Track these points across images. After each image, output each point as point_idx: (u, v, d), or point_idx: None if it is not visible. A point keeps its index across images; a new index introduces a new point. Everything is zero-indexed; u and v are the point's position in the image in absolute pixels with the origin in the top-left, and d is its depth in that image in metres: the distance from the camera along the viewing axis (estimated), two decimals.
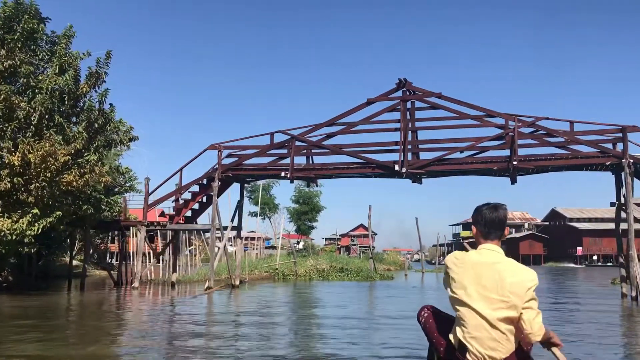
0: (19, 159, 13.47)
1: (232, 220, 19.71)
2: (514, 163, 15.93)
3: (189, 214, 19.53)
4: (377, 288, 20.33)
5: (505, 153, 16.51)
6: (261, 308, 12.33)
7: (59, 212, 14.16)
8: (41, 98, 14.63)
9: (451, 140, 17.21)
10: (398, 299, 15.58)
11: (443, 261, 3.38)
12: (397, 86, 17.52)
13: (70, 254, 21.12)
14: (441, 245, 62.93)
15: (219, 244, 23.86)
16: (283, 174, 17.87)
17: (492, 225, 2.83)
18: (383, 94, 17.77)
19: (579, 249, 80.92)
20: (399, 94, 17.56)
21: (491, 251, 2.77)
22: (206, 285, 17.51)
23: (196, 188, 19.13)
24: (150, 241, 32.32)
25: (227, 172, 18.35)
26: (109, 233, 28.32)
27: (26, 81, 14.91)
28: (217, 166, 18.31)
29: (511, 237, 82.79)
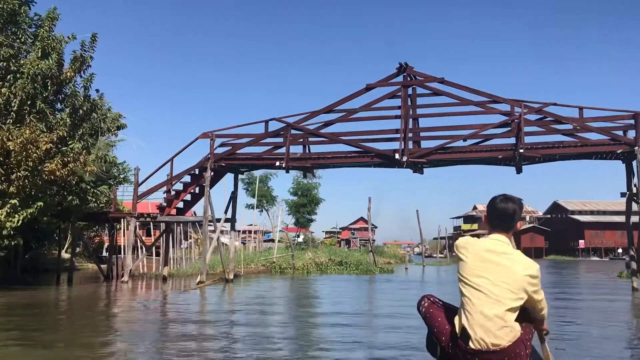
0: None
1: (226, 212, 18.99)
2: (521, 151, 15.16)
3: (181, 205, 18.82)
4: (376, 282, 19.63)
5: (510, 141, 15.75)
6: (250, 305, 11.62)
7: (40, 203, 13.41)
8: (22, 83, 13.86)
9: (454, 127, 16.45)
10: (393, 294, 14.88)
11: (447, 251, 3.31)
12: (398, 71, 16.73)
13: (59, 247, 20.38)
14: (442, 238, 62.21)
15: (220, 237, 23.24)
16: (278, 164, 17.11)
17: (499, 216, 2.81)
18: (383, 80, 16.98)
19: (581, 242, 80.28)
20: (400, 79, 16.78)
21: (499, 242, 2.75)
22: (198, 279, 16.81)
23: (188, 179, 18.40)
24: (148, 235, 31.67)
25: (220, 162, 17.60)
26: (105, 225, 27.54)
27: (6, 65, 14.12)
28: (210, 155, 17.56)
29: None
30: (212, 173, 17.74)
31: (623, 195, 15.96)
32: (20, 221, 13.12)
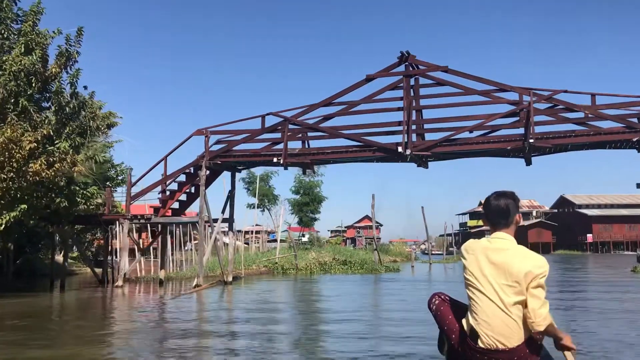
0: None
1: (223, 211, 18.27)
2: (530, 141, 14.33)
3: (177, 206, 18.13)
4: (381, 282, 18.87)
5: (519, 131, 14.93)
6: (242, 314, 10.90)
7: (24, 206, 12.72)
8: (4, 80, 13.20)
9: (459, 118, 15.61)
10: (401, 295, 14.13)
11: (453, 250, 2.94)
12: (400, 60, 15.93)
13: (52, 251, 19.70)
14: (448, 235, 61.39)
15: (224, 238, 22.46)
16: (275, 160, 16.34)
17: (495, 213, 2.81)
18: (384, 70, 16.19)
19: (589, 236, 79.22)
20: (402, 69, 15.98)
21: (501, 239, 2.74)
22: (194, 282, 16.09)
23: (184, 178, 17.69)
24: (152, 237, 30.95)
25: (216, 160, 16.87)
26: (102, 228, 26.89)
27: None
28: (205, 153, 16.84)
29: (519, 226, 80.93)
30: (208, 171, 17.04)
31: (639, 186, 15.15)
32: (3, 225, 12.45)
